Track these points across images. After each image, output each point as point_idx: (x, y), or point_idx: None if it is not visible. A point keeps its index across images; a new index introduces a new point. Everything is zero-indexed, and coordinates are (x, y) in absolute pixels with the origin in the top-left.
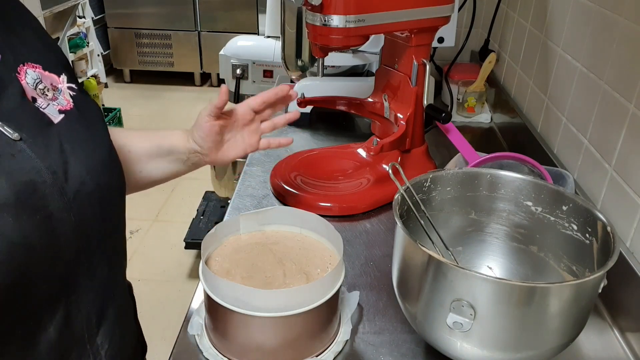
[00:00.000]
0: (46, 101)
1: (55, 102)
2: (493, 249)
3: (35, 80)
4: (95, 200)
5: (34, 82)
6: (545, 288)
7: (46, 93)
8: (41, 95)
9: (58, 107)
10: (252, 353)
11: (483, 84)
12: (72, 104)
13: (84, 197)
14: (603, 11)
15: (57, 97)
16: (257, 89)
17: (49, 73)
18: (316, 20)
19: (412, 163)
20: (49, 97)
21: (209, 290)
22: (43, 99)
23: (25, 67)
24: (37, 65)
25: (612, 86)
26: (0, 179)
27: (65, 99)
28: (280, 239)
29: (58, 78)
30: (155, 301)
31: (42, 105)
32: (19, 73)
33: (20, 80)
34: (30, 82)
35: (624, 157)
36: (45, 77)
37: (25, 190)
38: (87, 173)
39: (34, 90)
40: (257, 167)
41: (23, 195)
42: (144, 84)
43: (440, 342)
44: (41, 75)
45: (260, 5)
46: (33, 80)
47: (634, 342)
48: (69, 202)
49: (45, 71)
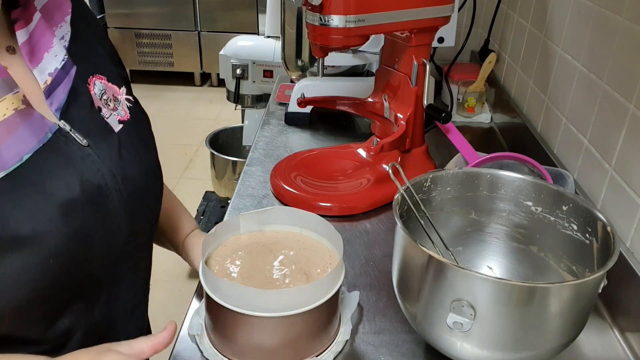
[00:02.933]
0: (108, 111)
1: (115, 112)
2: (493, 249)
3: (101, 91)
4: (144, 201)
5: (100, 93)
6: (545, 288)
7: (109, 103)
8: (105, 105)
9: (118, 117)
10: (252, 353)
11: (483, 84)
12: (129, 115)
13: (135, 198)
14: (603, 11)
15: (117, 107)
16: (257, 89)
17: (111, 84)
18: (316, 20)
19: (412, 163)
20: (111, 108)
21: (209, 290)
22: (106, 109)
23: (94, 78)
24: (102, 77)
25: (612, 86)
26: (73, 178)
27: (124, 109)
28: (280, 239)
29: (119, 90)
30: (155, 301)
31: (106, 114)
32: (89, 84)
33: (90, 90)
34: (97, 93)
35: (624, 157)
36: (108, 89)
37: (91, 189)
38: (139, 177)
39: (100, 100)
40: (257, 167)
41: (90, 194)
42: (144, 84)
43: (440, 342)
44: (106, 87)
45: (260, 5)
46: (99, 91)
47: (634, 342)
48: (124, 202)
49: (109, 83)
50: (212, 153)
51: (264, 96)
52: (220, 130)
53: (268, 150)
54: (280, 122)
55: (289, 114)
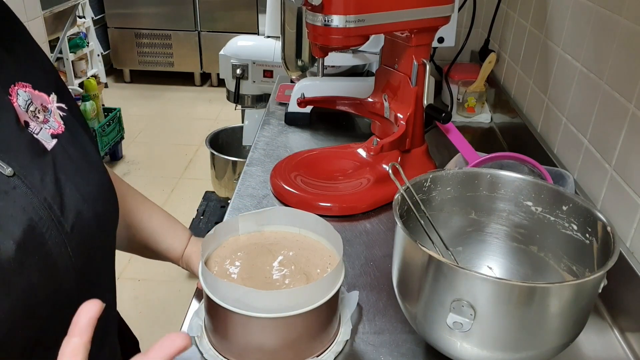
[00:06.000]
0: (38, 125)
1: (47, 124)
2: (493, 249)
3: (27, 101)
4: (94, 230)
5: (26, 104)
6: (545, 288)
7: (37, 115)
8: (33, 118)
9: (50, 131)
10: (252, 354)
11: (483, 84)
12: (63, 127)
13: (81, 228)
14: (603, 11)
15: (48, 119)
16: (257, 89)
17: (38, 92)
18: (316, 20)
19: (412, 163)
20: (40, 120)
21: (208, 291)
22: (35, 123)
23: (16, 87)
24: (27, 84)
25: (612, 86)
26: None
27: (57, 120)
28: (279, 239)
29: (48, 97)
30: (155, 301)
31: (35, 130)
32: (11, 95)
33: (13, 102)
34: (22, 104)
35: (624, 157)
36: (35, 97)
37: (23, 233)
38: (83, 202)
39: (26, 113)
40: (257, 167)
41: (22, 240)
42: (144, 84)
43: (440, 342)
44: (32, 95)
45: (260, 5)
46: (24, 102)
47: (634, 342)
48: (67, 235)
49: (35, 90)
50: (212, 153)
51: (264, 96)
52: (220, 130)
53: (268, 150)
54: (280, 122)
55: (289, 114)
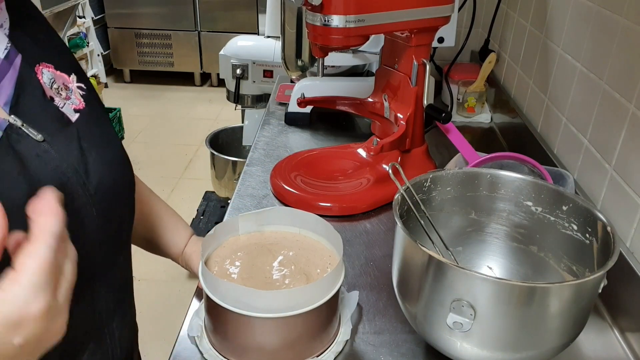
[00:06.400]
0: (62, 100)
1: (69, 101)
2: (493, 249)
3: (51, 79)
4: (114, 194)
5: (50, 82)
6: (545, 288)
7: (60, 92)
8: (57, 94)
9: (72, 106)
10: (253, 354)
11: (483, 84)
12: (84, 103)
13: (104, 192)
14: (603, 11)
15: (70, 96)
16: (257, 89)
17: (60, 73)
18: (316, 20)
19: (412, 163)
20: (63, 97)
21: (208, 291)
22: (59, 99)
23: (41, 67)
24: (49, 65)
25: (612, 86)
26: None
27: (77, 98)
28: (279, 239)
29: (68, 77)
30: (155, 301)
31: (60, 104)
32: (37, 73)
33: (39, 79)
34: (46, 82)
35: (624, 157)
36: (57, 77)
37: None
38: (104, 168)
39: (51, 89)
40: (257, 167)
41: None
42: (144, 84)
43: (440, 342)
44: (54, 75)
45: (260, 5)
46: (49, 80)
47: (634, 342)
48: (92, 197)
49: (57, 71)
50: (212, 153)
51: (264, 96)
52: (220, 130)
53: (268, 150)
54: (280, 122)
55: (289, 114)
